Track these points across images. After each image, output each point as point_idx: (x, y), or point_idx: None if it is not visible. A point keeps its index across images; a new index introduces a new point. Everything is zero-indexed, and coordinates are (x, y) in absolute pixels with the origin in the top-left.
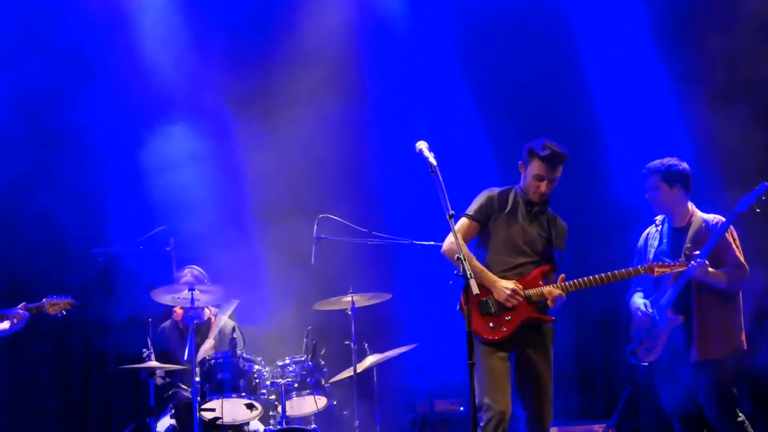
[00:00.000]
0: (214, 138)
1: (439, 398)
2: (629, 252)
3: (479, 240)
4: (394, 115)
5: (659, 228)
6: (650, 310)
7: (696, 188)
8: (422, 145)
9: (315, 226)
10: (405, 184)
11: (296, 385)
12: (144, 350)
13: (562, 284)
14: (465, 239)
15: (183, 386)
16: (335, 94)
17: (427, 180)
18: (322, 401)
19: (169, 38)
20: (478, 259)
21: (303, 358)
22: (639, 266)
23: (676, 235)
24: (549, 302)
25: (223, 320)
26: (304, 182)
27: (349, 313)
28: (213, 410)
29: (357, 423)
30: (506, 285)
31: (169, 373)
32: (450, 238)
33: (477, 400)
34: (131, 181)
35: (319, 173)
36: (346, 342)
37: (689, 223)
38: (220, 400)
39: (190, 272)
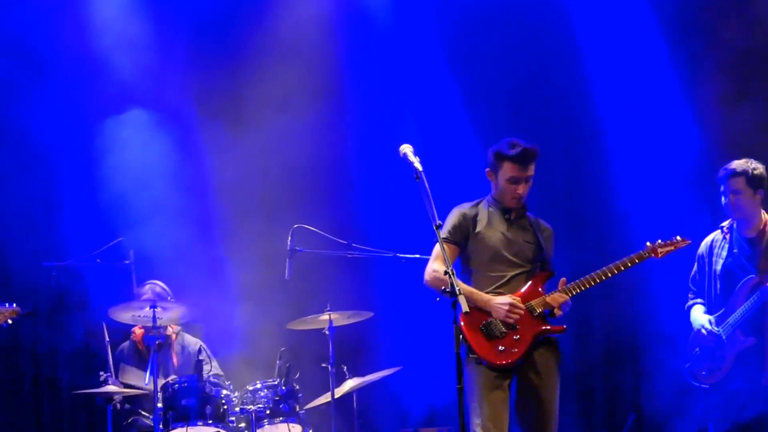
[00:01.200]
0: (178, 143)
1: (426, 426)
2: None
3: (462, 263)
4: (375, 117)
5: (727, 236)
6: (716, 329)
7: (709, 191)
8: (406, 149)
9: (289, 238)
10: (388, 191)
11: (268, 412)
12: (101, 373)
13: (565, 288)
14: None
15: (144, 413)
16: (311, 95)
17: (411, 187)
18: (296, 430)
19: (128, 35)
20: (466, 284)
21: (276, 383)
22: (640, 251)
23: (750, 246)
24: (555, 310)
25: (189, 339)
26: (277, 190)
27: (327, 332)
28: None
29: None
30: (502, 300)
31: (128, 399)
32: (430, 266)
33: (470, 430)
34: (86, 189)
35: (294, 180)
36: (323, 365)
37: (763, 233)
38: (185, 429)
39: (151, 288)
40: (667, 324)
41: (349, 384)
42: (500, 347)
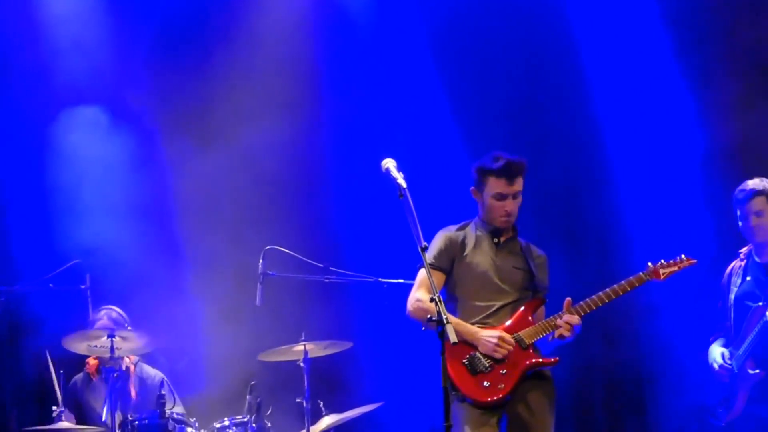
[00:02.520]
0: (139, 157)
1: None
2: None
3: (447, 291)
4: (355, 129)
5: (743, 262)
6: (728, 362)
7: (718, 205)
8: (389, 164)
9: (260, 261)
10: (368, 210)
11: None
12: (54, 408)
13: (576, 308)
14: (429, 294)
15: None
16: (284, 105)
17: (395, 205)
18: None
19: (85, 39)
20: (451, 314)
21: (245, 419)
22: (641, 273)
23: (765, 272)
24: (565, 332)
25: (148, 371)
26: (247, 209)
27: (302, 364)
28: None
29: None
30: (490, 333)
31: None
32: (413, 295)
33: None
34: (37, 206)
35: (266, 198)
36: (298, 399)
37: None
38: None
39: (107, 314)
40: (676, 357)
41: (326, 421)
42: (485, 383)
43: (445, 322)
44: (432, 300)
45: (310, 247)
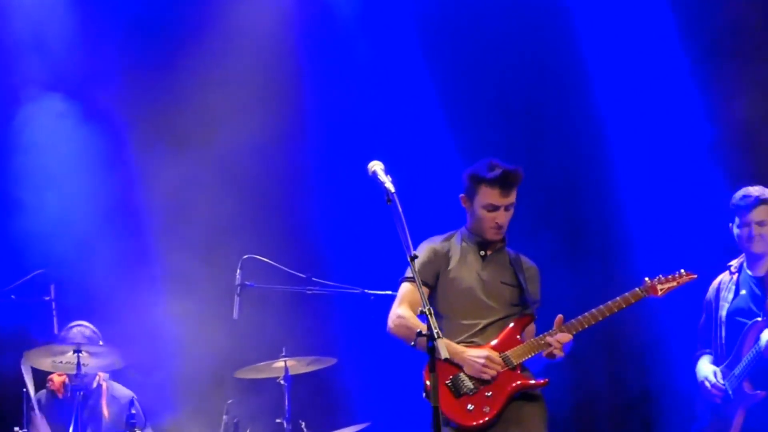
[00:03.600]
0: (109, 160)
1: None
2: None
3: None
4: (339, 130)
5: (734, 276)
6: (721, 382)
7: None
8: (376, 167)
9: (238, 271)
10: (354, 216)
11: None
12: (15, 430)
13: (565, 326)
14: (413, 308)
15: None
16: (264, 104)
17: (382, 211)
18: None
19: (52, 32)
20: None
21: None
22: (637, 289)
23: (760, 286)
24: (556, 351)
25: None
26: (223, 215)
27: (282, 382)
28: None
29: None
30: (477, 354)
31: None
32: (395, 311)
33: None
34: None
35: (243, 204)
36: (278, 420)
37: None
38: None
39: (80, 332)
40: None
41: None
42: (469, 405)
43: (436, 336)
44: (422, 313)
45: (292, 257)
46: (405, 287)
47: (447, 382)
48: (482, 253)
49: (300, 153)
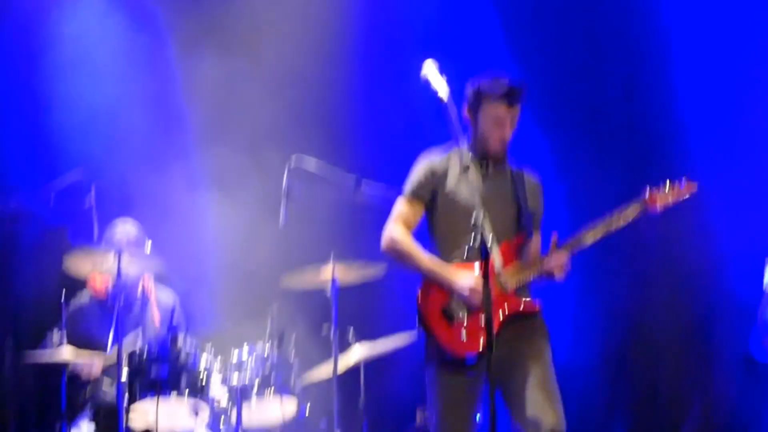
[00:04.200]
0: (153, 62)
1: None
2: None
3: (429, 227)
4: (390, 26)
5: None
6: None
7: None
8: (430, 67)
9: (284, 174)
10: (405, 116)
11: (256, 385)
12: (54, 331)
13: (565, 245)
14: (408, 226)
15: (105, 384)
16: (309, 7)
17: (436, 111)
18: (290, 406)
19: None
20: (431, 253)
21: (266, 348)
22: (633, 202)
23: None
24: (557, 272)
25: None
26: (269, 116)
27: (329, 289)
28: (146, 415)
29: None
30: (464, 281)
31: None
32: (389, 228)
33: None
34: (36, 110)
35: (291, 105)
36: (325, 327)
37: None
38: (155, 402)
39: (122, 229)
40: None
41: (356, 352)
42: (463, 334)
43: (489, 246)
44: (474, 225)
45: (340, 160)
46: (401, 203)
47: (441, 307)
48: (483, 168)
49: (349, 51)
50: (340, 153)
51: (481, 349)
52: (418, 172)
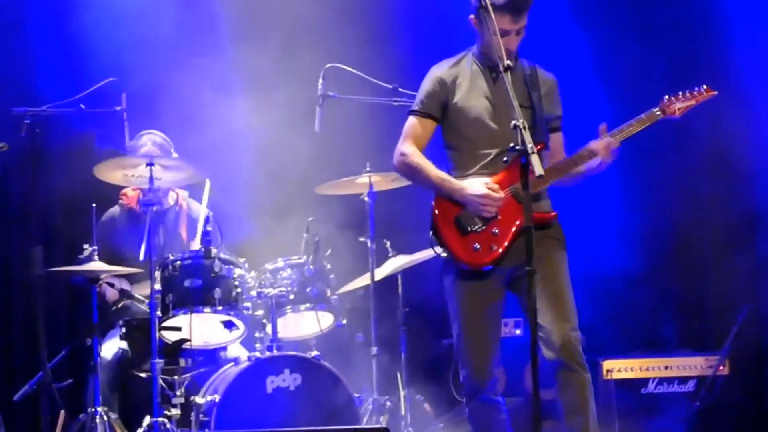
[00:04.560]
0: None
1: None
2: None
3: (443, 141)
4: None
5: None
6: None
7: None
8: None
9: (320, 80)
10: (443, 22)
11: (292, 297)
12: (85, 246)
13: (615, 132)
14: (419, 144)
15: (137, 296)
16: None
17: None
18: (326, 319)
19: None
20: (447, 170)
21: (301, 261)
22: (653, 109)
23: None
24: (604, 155)
25: (196, 207)
26: (303, 19)
27: (366, 199)
28: (178, 329)
29: (374, 350)
30: (475, 190)
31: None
32: (398, 148)
33: (455, 344)
34: (64, 14)
35: (326, 9)
36: (361, 239)
37: None
38: (188, 316)
39: (150, 140)
40: None
41: (393, 263)
42: (475, 245)
43: (530, 151)
44: (515, 127)
45: (377, 67)
46: (411, 121)
47: (454, 218)
48: (493, 75)
49: None
50: (376, 60)
51: (492, 259)
52: (426, 85)
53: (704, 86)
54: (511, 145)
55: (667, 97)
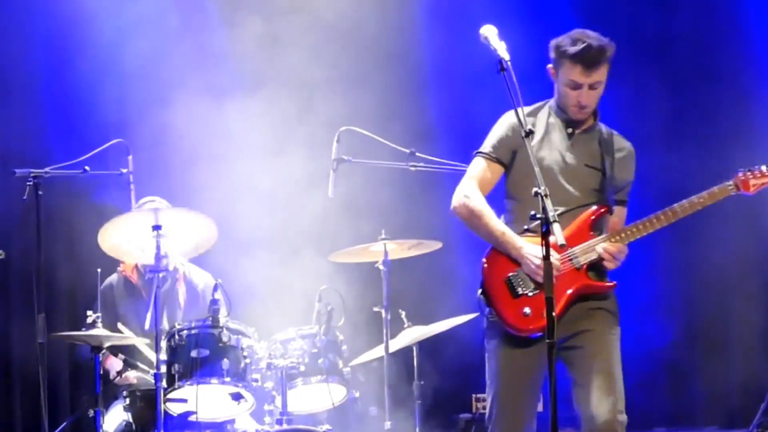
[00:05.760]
0: (190, 25)
1: None
2: None
3: (505, 190)
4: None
5: None
6: None
7: None
8: (489, 32)
9: (334, 144)
10: (463, 86)
11: (303, 369)
12: (88, 313)
13: (621, 232)
14: (483, 189)
15: (142, 366)
16: None
17: (494, 81)
18: (338, 392)
19: None
20: (506, 220)
21: (313, 331)
22: (726, 183)
23: None
24: (607, 262)
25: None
26: (318, 83)
27: (381, 267)
28: (184, 401)
29: (388, 425)
30: (534, 251)
31: (120, 350)
32: (462, 188)
33: (487, 411)
34: (72, 74)
35: (343, 71)
36: (376, 309)
37: None
38: (195, 387)
39: (151, 207)
40: None
41: (408, 335)
42: (526, 309)
43: (551, 220)
44: (536, 194)
45: (393, 130)
46: (478, 163)
47: (505, 278)
48: (569, 130)
49: (404, 14)
50: (393, 124)
51: (541, 326)
52: (499, 129)
53: None
54: (533, 213)
55: (742, 171)
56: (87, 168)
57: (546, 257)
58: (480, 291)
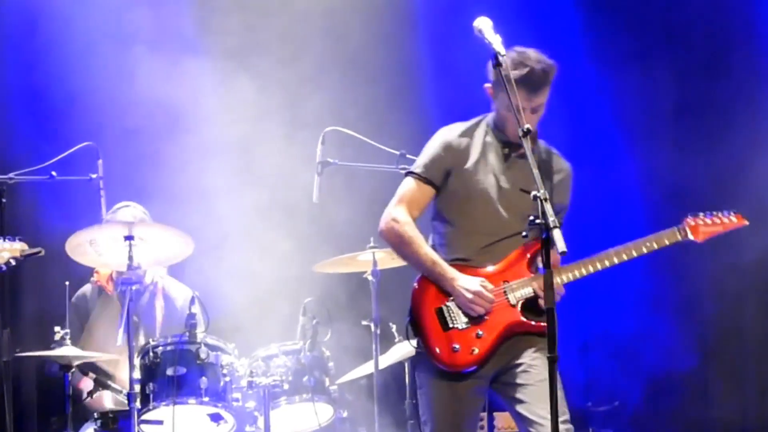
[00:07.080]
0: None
1: (503, 410)
2: None
3: (436, 211)
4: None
5: None
6: None
7: None
8: (483, 25)
9: (318, 146)
10: (454, 83)
11: (286, 387)
12: (56, 329)
13: (558, 270)
14: (414, 212)
15: (114, 386)
16: None
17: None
18: (325, 412)
19: None
20: (435, 243)
21: (297, 347)
22: (675, 228)
23: None
24: (541, 301)
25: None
26: (303, 78)
27: (370, 278)
28: (160, 423)
29: None
30: (468, 284)
31: (92, 366)
32: (389, 211)
33: None
34: (39, 76)
35: (327, 68)
36: (364, 322)
37: None
38: (171, 408)
39: (130, 213)
40: None
41: (399, 350)
42: (455, 345)
43: (552, 226)
44: (535, 198)
45: (381, 131)
46: (409, 183)
47: (436, 309)
48: (506, 150)
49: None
50: (381, 124)
51: (468, 363)
52: (432, 148)
53: (733, 212)
54: (531, 218)
55: (691, 217)
56: (54, 173)
57: (546, 264)
58: (407, 320)
